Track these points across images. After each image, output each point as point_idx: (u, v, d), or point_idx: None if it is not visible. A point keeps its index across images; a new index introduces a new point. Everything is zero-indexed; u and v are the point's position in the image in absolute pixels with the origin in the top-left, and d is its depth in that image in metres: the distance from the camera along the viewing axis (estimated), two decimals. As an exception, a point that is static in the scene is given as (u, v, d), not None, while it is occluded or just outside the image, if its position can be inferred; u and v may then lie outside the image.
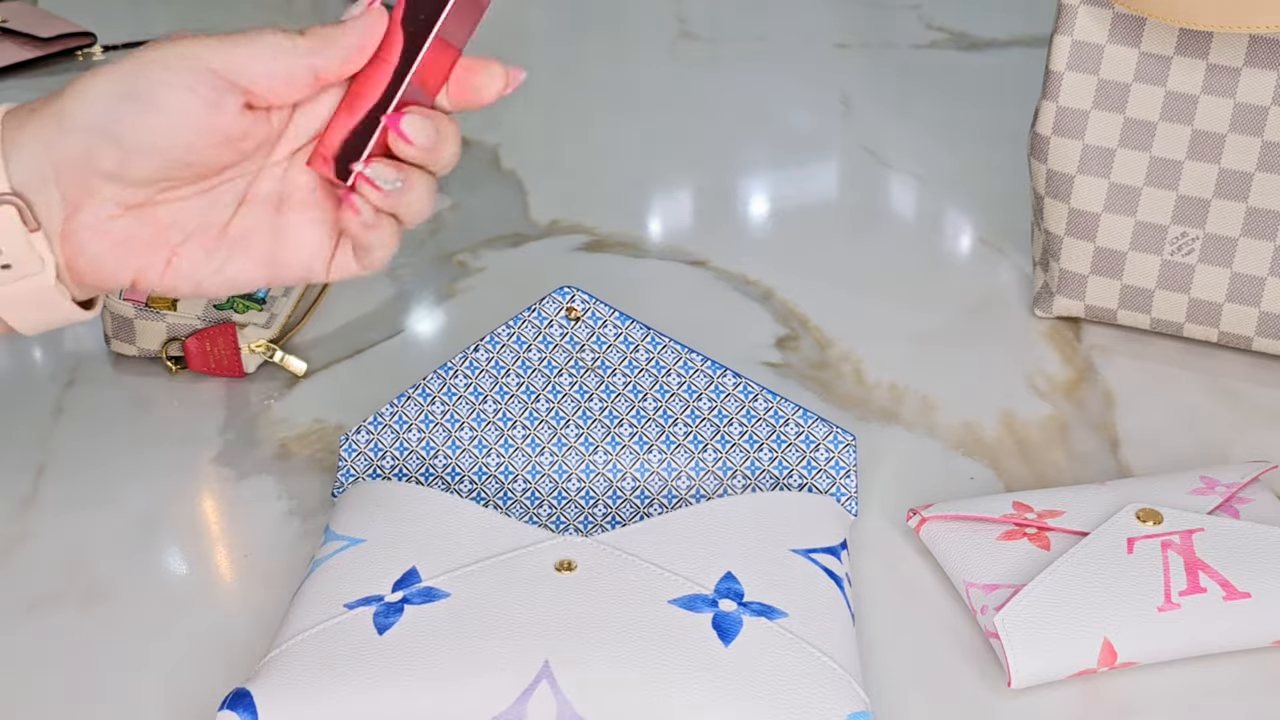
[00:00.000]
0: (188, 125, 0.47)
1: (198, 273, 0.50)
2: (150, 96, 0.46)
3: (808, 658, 0.54)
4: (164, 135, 0.47)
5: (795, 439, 0.65)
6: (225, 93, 0.47)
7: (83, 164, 0.47)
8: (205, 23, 1.21)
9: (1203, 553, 0.59)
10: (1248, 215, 0.73)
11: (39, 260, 0.48)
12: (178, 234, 0.50)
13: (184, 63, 0.46)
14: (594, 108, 1.11)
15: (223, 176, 0.50)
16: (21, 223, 0.47)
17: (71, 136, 0.47)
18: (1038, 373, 0.77)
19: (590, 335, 0.66)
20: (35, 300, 0.49)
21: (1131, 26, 0.73)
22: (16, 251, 0.47)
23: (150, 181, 0.48)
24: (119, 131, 0.46)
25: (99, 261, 0.49)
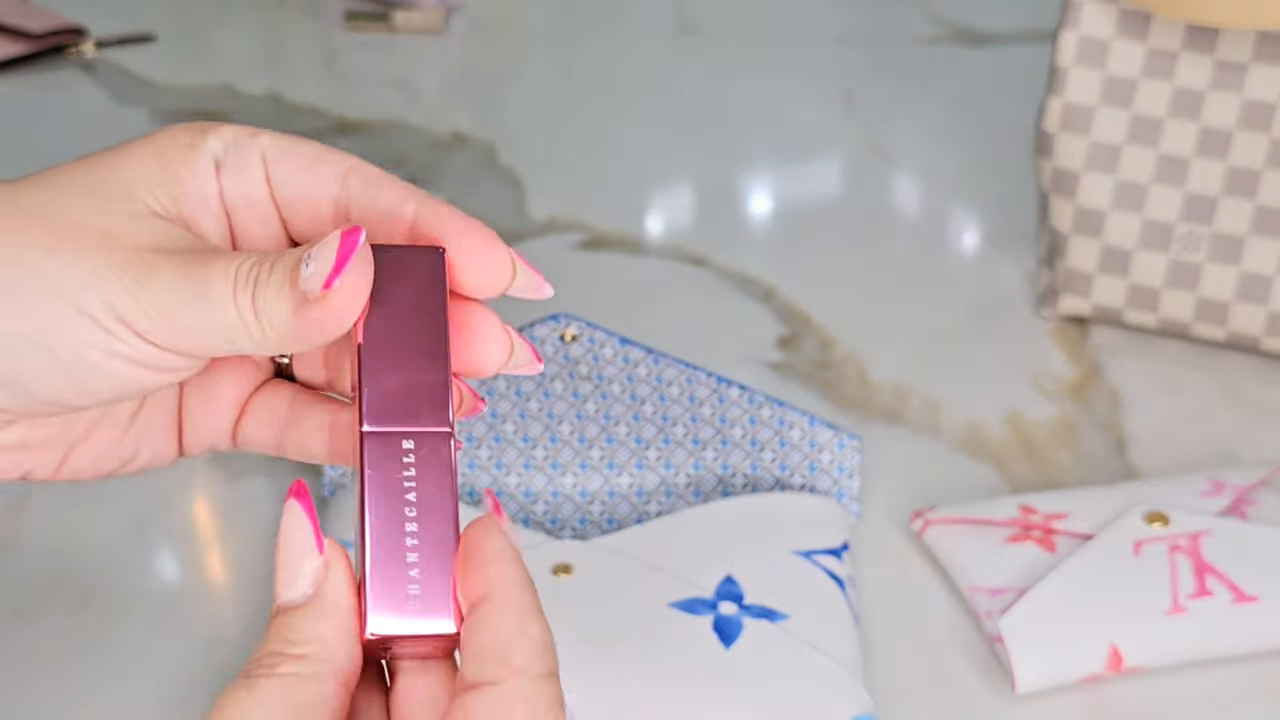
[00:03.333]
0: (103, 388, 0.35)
1: (102, 465, 0.40)
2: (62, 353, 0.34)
3: (809, 660, 0.54)
4: (71, 392, 0.35)
5: (799, 442, 0.64)
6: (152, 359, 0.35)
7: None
8: (198, 18, 1.20)
9: (1211, 555, 0.58)
10: (1256, 213, 0.73)
11: None
12: (76, 433, 0.39)
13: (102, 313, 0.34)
14: (593, 103, 1.10)
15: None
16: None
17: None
18: (1044, 373, 0.76)
19: (586, 353, 0.65)
20: None
21: (1138, 22, 0.73)
22: None
23: (46, 415, 0.37)
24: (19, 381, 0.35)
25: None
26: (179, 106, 1.03)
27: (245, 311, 0.34)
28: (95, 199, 0.35)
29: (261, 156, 0.37)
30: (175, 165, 0.36)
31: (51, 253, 0.34)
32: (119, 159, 0.36)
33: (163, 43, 1.14)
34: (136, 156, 0.36)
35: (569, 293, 0.84)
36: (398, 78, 1.09)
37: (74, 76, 1.09)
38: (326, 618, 0.33)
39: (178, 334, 0.34)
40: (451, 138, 1.00)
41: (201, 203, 0.36)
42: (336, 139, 0.99)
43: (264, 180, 0.37)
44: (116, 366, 0.34)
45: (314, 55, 1.16)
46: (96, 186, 0.35)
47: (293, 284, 0.33)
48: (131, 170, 0.36)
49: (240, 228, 0.38)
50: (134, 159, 0.36)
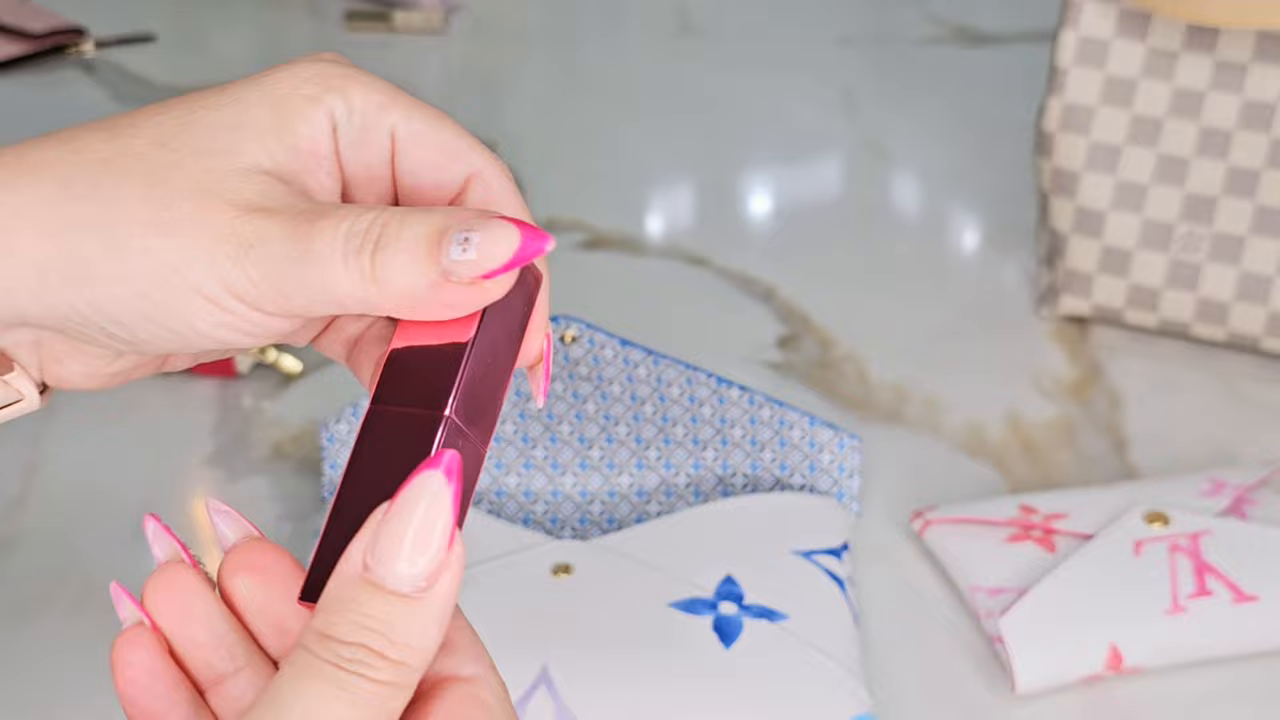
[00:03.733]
0: (210, 347, 0.35)
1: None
2: (175, 324, 0.34)
3: (809, 660, 0.54)
4: (179, 349, 0.35)
5: (799, 442, 0.64)
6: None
7: (70, 335, 0.35)
8: (198, 18, 1.20)
9: (1211, 555, 0.58)
10: (1256, 213, 0.73)
11: (16, 393, 0.37)
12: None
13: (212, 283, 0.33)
14: (593, 103, 1.10)
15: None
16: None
17: (59, 314, 0.34)
18: (1044, 373, 0.76)
19: (586, 354, 0.65)
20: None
21: (1138, 22, 0.73)
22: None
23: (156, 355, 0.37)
24: (134, 339, 0.35)
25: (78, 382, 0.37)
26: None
27: (356, 273, 0.31)
28: (202, 159, 0.33)
29: (390, 134, 0.35)
30: (291, 119, 0.34)
31: (164, 231, 0.32)
32: (232, 111, 0.34)
33: (162, 43, 1.14)
34: (250, 107, 0.34)
35: (569, 293, 0.84)
36: (397, 77, 1.09)
37: (74, 76, 1.08)
38: (436, 625, 0.29)
39: (283, 297, 0.32)
40: (451, 137, 1.00)
41: (315, 161, 0.34)
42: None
43: (388, 160, 0.35)
44: (223, 334, 0.33)
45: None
46: (205, 144, 0.33)
47: (431, 257, 0.31)
48: (242, 124, 0.34)
49: (352, 188, 0.36)
50: (248, 110, 0.34)
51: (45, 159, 0.33)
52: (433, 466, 0.29)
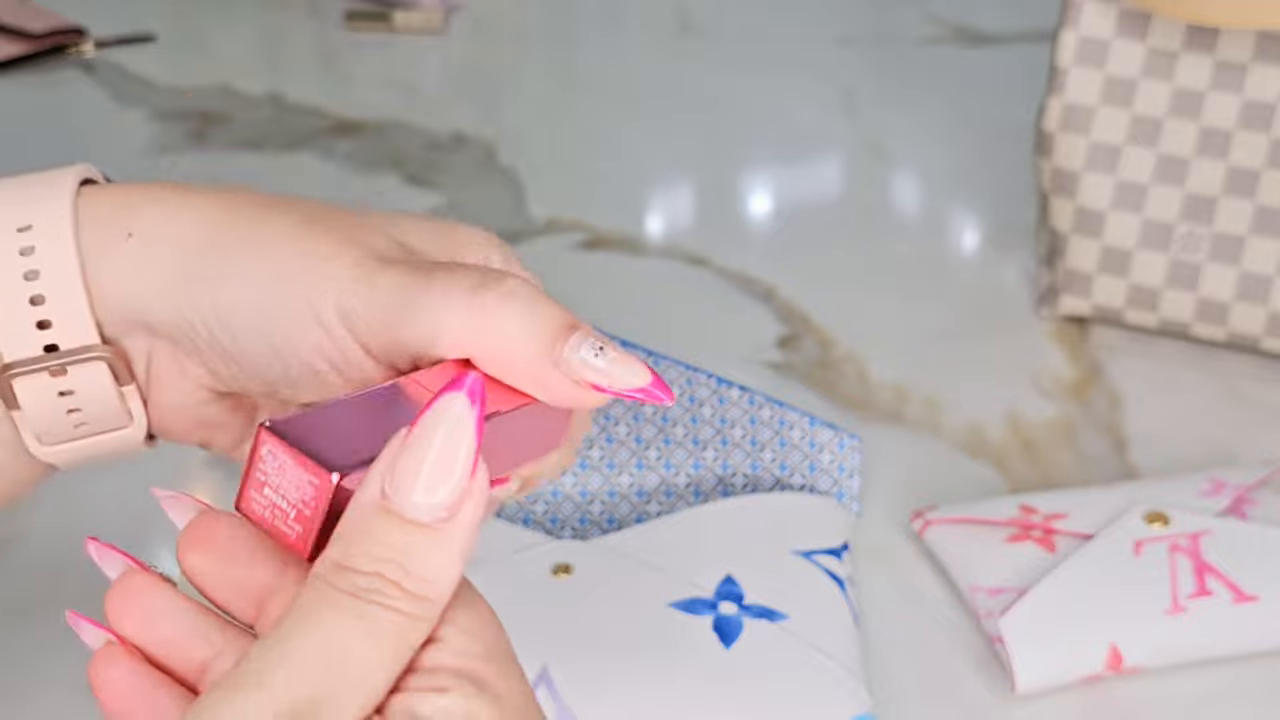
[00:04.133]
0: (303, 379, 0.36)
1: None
2: (281, 345, 0.35)
3: (810, 660, 0.54)
4: (278, 373, 0.36)
5: (799, 442, 0.64)
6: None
7: (180, 347, 0.36)
8: (198, 18, 1.20)
9: (1211, 555, 0.58)
10: (1256, 213, 0.73)
11: (126, 415, 0.38)
12: (263, 413, 0.39)
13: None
14: (592, 102, 1.10)
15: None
16: (113, 378, 0.37)
17: (185, 321, 0.36)
18: (1044, 373, 0.76)
19: None
20: (106, 450, 0.39)
21: (1138, 22, 0.73)
22: (103, 410, 0.37)
23: (247, 392, 0.38)
24: (242, 362, 0.36)
25: (169, 432, 0.39)
26: (179, 107, 1.03)
27: (477, 306, 0.33)
28: (351, 218, 0.36)
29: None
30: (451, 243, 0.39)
31: (302, 251, 0.34)
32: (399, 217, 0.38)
33: (162, 43, 1.14)
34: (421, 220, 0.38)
35: (569, 293, 0.84)
36: (398, 78, 1.09)
37: (74, 76, 1.08)
38: (457, 557, 0.28)
39: (389, 331, 0.33)
40: (451, 138, 1.00)
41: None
42: (336, 139, 0.99)
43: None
44: (320, 363, 0.35)
45: (314, 55, 1.16)
46: (358, 215, 0.36)
47: (552, 333, 0.34)
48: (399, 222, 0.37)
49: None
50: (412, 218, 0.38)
51: (211, 189, 0.36)
52: (455, 389, 0.28)
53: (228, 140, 0.99)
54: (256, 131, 1.00)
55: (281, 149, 0.98)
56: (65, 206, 0.35)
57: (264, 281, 0.34)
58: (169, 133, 1.00)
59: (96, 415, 0.37)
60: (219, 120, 1.02)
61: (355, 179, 0.95)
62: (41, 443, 0.38)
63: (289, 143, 0.99)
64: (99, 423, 0.37)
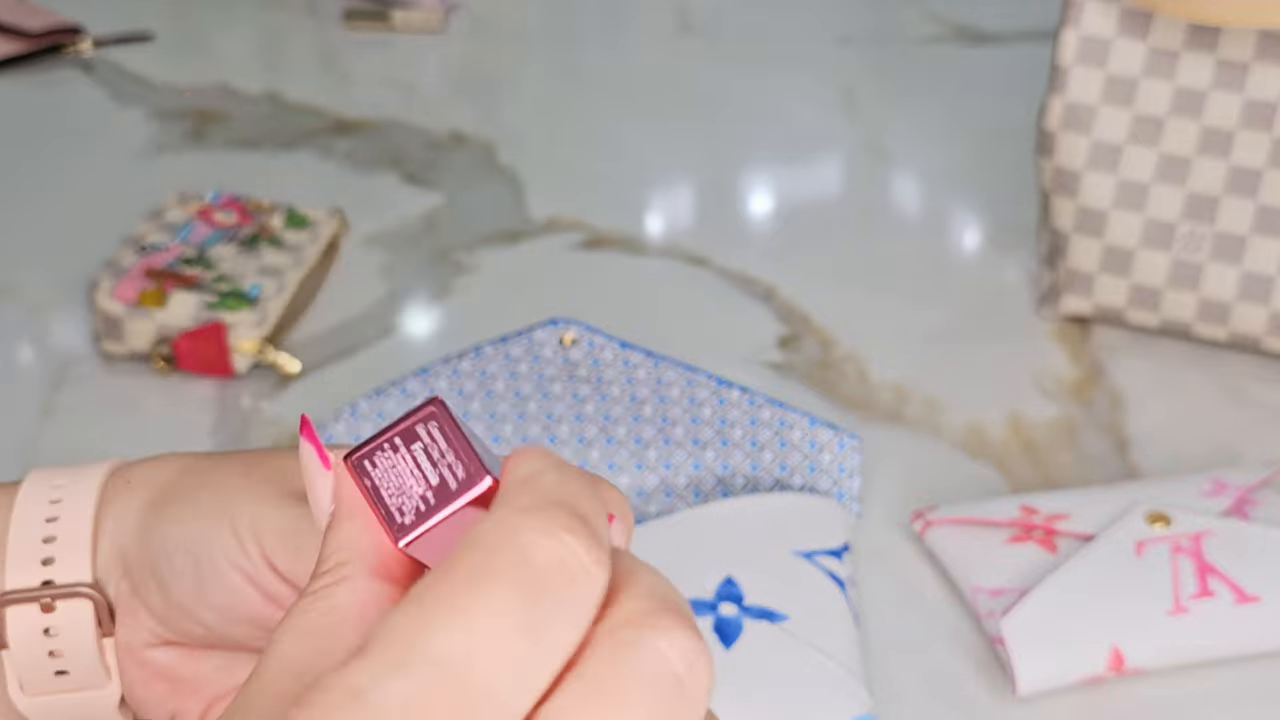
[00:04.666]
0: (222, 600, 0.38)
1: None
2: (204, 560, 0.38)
3: (810, 661, 0.54)
4: (197, 601, 0.38)
5: (799, 442, 0.64)
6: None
7: (136, 589, 0.39)
8: (197, 17, 1.20)
9: (1213, 556, 0.58)
10: (1258, 212, 0.73)
11: (104, 672, 0.39)
12: (222, 683, 0.41)
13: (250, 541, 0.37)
14: (592, 102, 1.10)
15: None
16: (96, 624, 0.39)
17: (145, 549, 0.38)
18: (1045, 373, 0.76)
19: (586, 356, 0.64)
20: (81, 714, 0.40)
21: (1139, 21, 0.72)
22: (83, 658, 0.39)
23: (190, 640, 0.40)
24: (171, 588, 0.38)
25: (131, 689, 0.40)
26: (177, 105, 1.03)
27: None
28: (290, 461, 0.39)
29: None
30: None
31: (240, 487, 0.38)
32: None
33: (161, 42, 1.14)
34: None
35: (568, 293, 0.84)
36: (397, 77, 1.09)
37: (72, 75, 1.08)
38: (343, 521, 0.30)
39: (298, 559, 0.36)
40: (451, 137, 1.00)
41: None
42: (335, 138, 0.99)
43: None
44: (236, 580, 0.37)
45: (313, 54, 1.16)
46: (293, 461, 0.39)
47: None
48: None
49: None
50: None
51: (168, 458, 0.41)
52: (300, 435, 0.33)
53: (226, 139, 0.99)
54: (255, 130, 1.00)
55: (280, 148, 0.98)
56: (102, 470, 0.40)
57: (202, 505, 0.38)
58: (167, 132, 1.00)
59: (76, 664, 0.39)
60: (217, 119, 1.01)
61: (354, 178, 0.94)
62: (24, 691, 0.39)
63: (287, 142, 0.99)
64: (78, 674, 0.39)
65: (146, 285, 0.74)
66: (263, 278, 0.76)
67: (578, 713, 0.24)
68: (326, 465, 0.31)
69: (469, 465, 0.29)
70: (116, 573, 0.39)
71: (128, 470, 0.40)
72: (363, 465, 0.29)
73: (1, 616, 0.38)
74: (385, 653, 0.23)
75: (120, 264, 0.76)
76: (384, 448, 0.29)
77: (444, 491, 0.29)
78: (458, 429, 0.29)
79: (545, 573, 0.24)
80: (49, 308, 0.81)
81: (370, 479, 0.29)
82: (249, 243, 0.79)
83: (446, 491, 0.29)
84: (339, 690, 0.23)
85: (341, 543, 0.30)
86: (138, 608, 0.39)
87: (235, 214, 0.81)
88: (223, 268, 0.76)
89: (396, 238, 0.88)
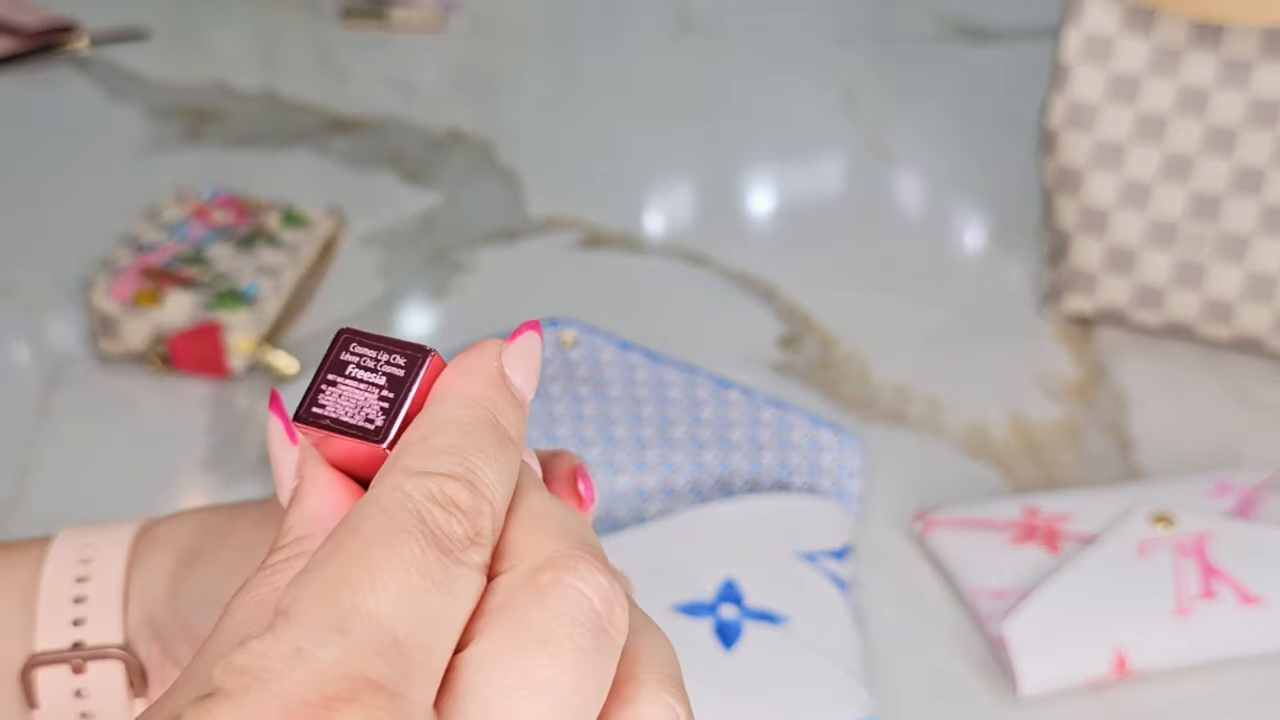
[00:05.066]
0: None
1: None
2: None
3: (810, 663, 0.53)
4: None
5: (800, 442, 0.64)
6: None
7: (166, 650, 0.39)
8: (193, 14, 1.20)
9: (1216, 557, 0.58)
10: (1262, 212, 0.72)
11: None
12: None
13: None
14: (592, 101, 1.09)
15: None
16: (128, 684, 0.39)
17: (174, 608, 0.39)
18: (1047, 373, 0.76)
19: (585, 357, 0.64)
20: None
21: (1142, 18, 0.72)
22: (114, 718, 0.39)
23: None
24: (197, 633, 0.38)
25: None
26: (174, 103, 1.02)
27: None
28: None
29: None
30: None
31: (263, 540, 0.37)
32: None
33: (157, 39, 1.13)
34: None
35: (567, 292, 0.84)
36: (395, 75, 1.08)
37: (67, 73, 1.08)
38: (306, 497, 0.30)
39: None
40: (449, 136, 1.00)
41: None
42: (333, 137, 0.99)
43: None
44: None
45: (310, 52, 1.15)
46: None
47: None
48: None
49: None
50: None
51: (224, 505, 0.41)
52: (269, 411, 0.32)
53: (223, 137, 0.99)
54: (252, 128, 1.00)
55: (277, 146, 0.98)
56: (132, 529, 0.40)
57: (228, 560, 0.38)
58: (164, 130, 0.99)
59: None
60: (214, 117, 1.01)
61: (351, 177, 0.94)
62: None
63: (285, 140, 0.98)
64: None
65: (143, 284, 0.74)
66: (259, 277, 0.76)
67: (505, 655, 0.25)
68: (293, 440, 0.31)
69: (404, 352, 0.29)
70: (146, 635, 0.39)
71: (155, 527, 0.41)
72: (312, 413, 0.29)
73: (33, 678, 0.38)
74: (317, 612, 0.24)
75: (116, 263, 0.76)
76: (323, 389, 0.30)
77: (397, 383, 0.29)
78: (376, 336, 0.30)
79: (442, 528, 0.26)
80: (44, 307, 0.81)
81: (326, 419, 0.29)
82: (246, 242, 0.78)
83: (399, 382, 0.29)
84: (277, 651, 0.23)
85: (302, 518, 0.29)
86: (169, 667, 0.39)
87: (232, 213, 0.81)
88: (219, 267, 0.76)
89: (394, 237, 0.88)
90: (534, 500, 0.28)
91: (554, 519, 0.28)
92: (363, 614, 0.24)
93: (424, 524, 0.25)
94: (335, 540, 0.25)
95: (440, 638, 0.25)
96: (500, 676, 0.25)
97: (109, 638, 0.38)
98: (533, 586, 0.26)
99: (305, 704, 0.23)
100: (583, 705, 0.25)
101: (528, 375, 0.30)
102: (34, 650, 0.39)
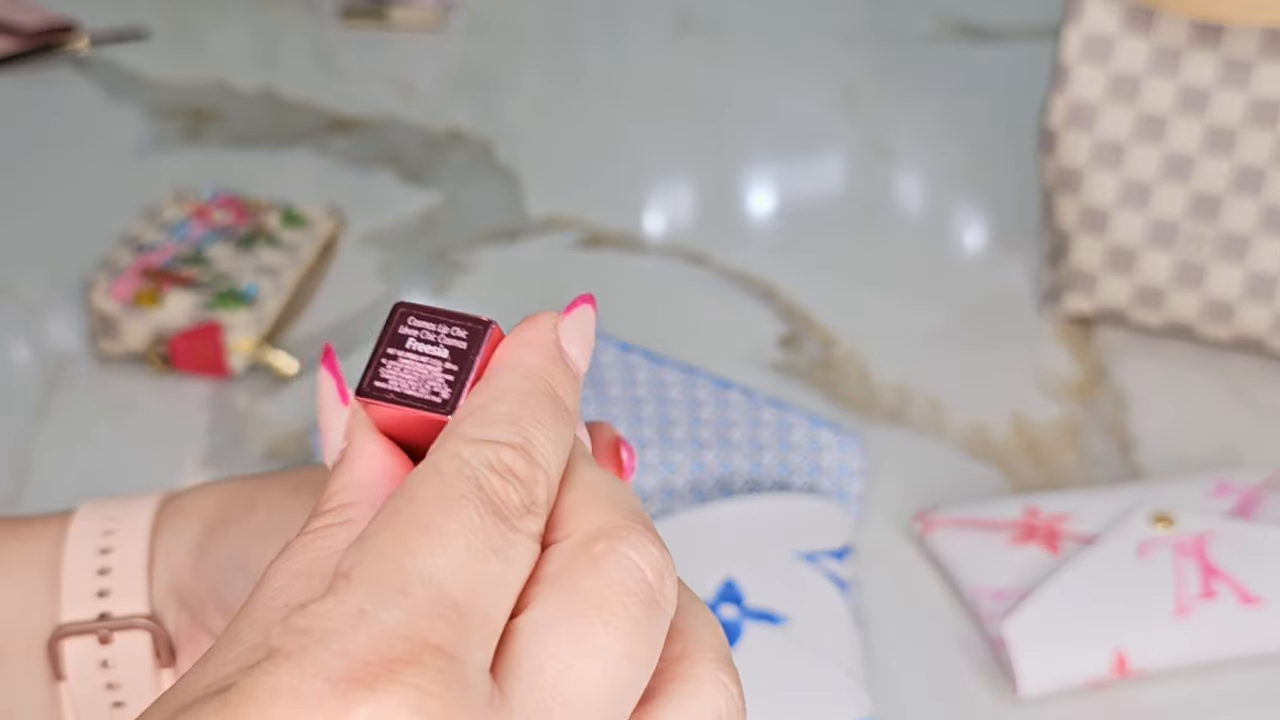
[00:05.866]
0: None
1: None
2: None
3: (810, 663, 0.53)
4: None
5: (800, 443, 0.64)
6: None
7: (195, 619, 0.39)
8: (192, 14, 1.20)
9: (1216, 557, 0.58)
10: (1263, 212, 0.72)
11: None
12: None
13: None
14: (592, 100, 1.09)
15: None
16: (154, 654, 0.39)
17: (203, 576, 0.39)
18: (1048, 373, 0.76)
19: None
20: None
21: (1142, 18, 0.72)
22: (141, 689, 0.39)
23: None
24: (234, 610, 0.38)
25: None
26: (173, 103, 1.02)
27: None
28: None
29: None
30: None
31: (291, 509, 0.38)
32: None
33: (157, 39, 1.13)
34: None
35: (567, 292, 0.83)
36: (394, 75, 1.08)
37: (67, 73, 1.08)
38: (353, 461, 0.30)
39: None
40: (449, 135, 1.00)
41: None
42: (332, 136, 0.98)
43: None
44: None
45: (309, 52, 1.15)
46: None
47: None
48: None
49: None
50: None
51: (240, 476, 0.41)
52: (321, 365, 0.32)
53: (222, 137, 0.99)
54: (251, 128, 1.00)
55: (277, 146, 0.98)
56: (154, 500, 0.40)
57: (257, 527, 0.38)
58: (163, 130, 0.99)
59: (134, 695, 0.39)
60: (213, 117, 1.01)
61: (351, 177, 0.94)
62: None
63: (284, 140, 0.98)
64: (136, 705, 0.39)
65: (142, 284, 0.74)
66: (259, 277, 0.76)
67: (560, 622, 0.25)
68: (345, 400, 0.31)
69: (464, 324, 0.29)
70: (174, 605, 0.39)
71: (178, 499, 0.40)
72: (375, 387, 0.29)
73: (59, 649, 0.38)
74: (379, 575, 0.24)
75: (116, 263, 0.76)
76: (383, 363, 0.30)
77: (460, 356, 0.29)
78: (433, 308, 0.30)
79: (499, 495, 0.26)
80: (44, 307, 0.80)
81: (391, 392, 0.29)
82: (246, 242, 0.78)
83: (462, 355, 0.29)
84: (339, 613, 0.23)
85: (349, 484, 0.29)
86: (199, 636, 0.39)
87: (232, 213, 0.81)
88: (219, 267, 0.76)
89: (394, 236, 0.88)
90: (586, 472, 0.28)
91: (606, 490, 0.28)
92: (424, 577, 0.24)
93: (481, 491, 0.26)
94: (393, 505, 0.26)
95: (497, 603, 0.25)
96: (555, 642, 0.25)
97: (134, 608, 0.38)
98: (587, 555, 0.26)
99: (367, 664, 0.23)
100: (634, 672, 0.25)
101: (582, 348, 0.30)
102: (60, 622, 0.38)
